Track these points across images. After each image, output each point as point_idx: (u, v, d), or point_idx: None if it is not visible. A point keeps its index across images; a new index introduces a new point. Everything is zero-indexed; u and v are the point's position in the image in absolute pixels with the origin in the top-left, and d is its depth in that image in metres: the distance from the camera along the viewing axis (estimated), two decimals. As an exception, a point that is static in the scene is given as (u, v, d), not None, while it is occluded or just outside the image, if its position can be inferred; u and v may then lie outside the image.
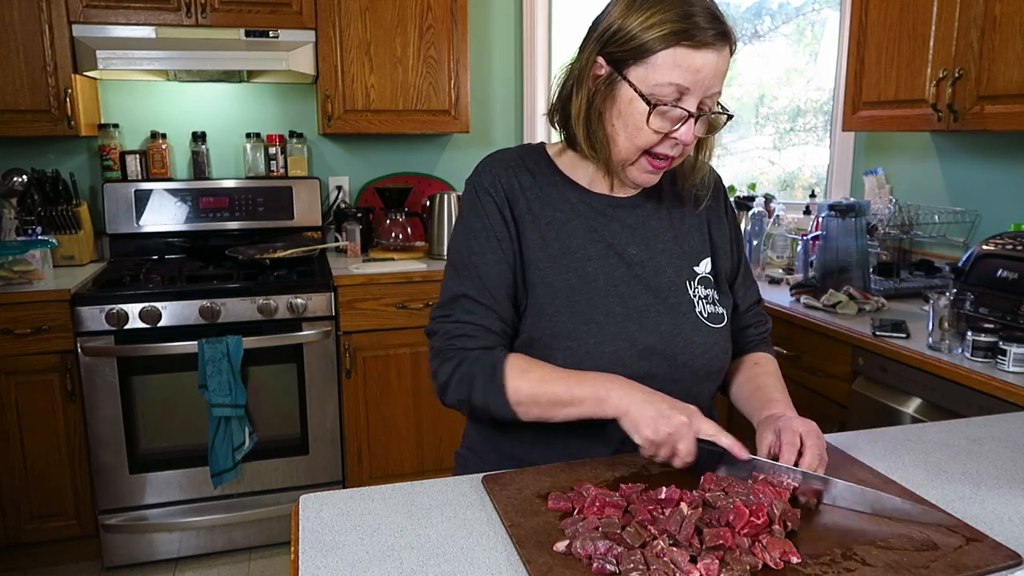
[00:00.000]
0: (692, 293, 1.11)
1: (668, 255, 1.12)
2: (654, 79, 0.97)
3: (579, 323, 1.05)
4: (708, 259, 1.15)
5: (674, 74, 0.96)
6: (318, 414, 2.54)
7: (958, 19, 1.98)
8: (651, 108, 0.97)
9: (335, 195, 3.08)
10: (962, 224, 2.42)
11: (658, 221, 1.13)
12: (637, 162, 1.04)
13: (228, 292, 2.39)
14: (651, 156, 1.03)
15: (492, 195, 1.09)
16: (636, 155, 1.03)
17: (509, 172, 1.11)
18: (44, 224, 2.59)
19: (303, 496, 0.93)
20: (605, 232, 1.10)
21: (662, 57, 0.96)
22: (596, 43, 1.02)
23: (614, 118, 1.02)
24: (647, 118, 0.98)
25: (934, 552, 0.78)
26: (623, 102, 1.00)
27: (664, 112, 0.98)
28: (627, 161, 1.04)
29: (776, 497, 0.84)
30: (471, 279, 1.07)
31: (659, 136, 1.00)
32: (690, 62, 0.95)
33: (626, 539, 0.76)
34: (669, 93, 0.97)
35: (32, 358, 2.30)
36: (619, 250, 1.10)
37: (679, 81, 0.96)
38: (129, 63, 2.47)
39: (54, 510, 2.40)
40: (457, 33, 2.79)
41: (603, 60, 1.01)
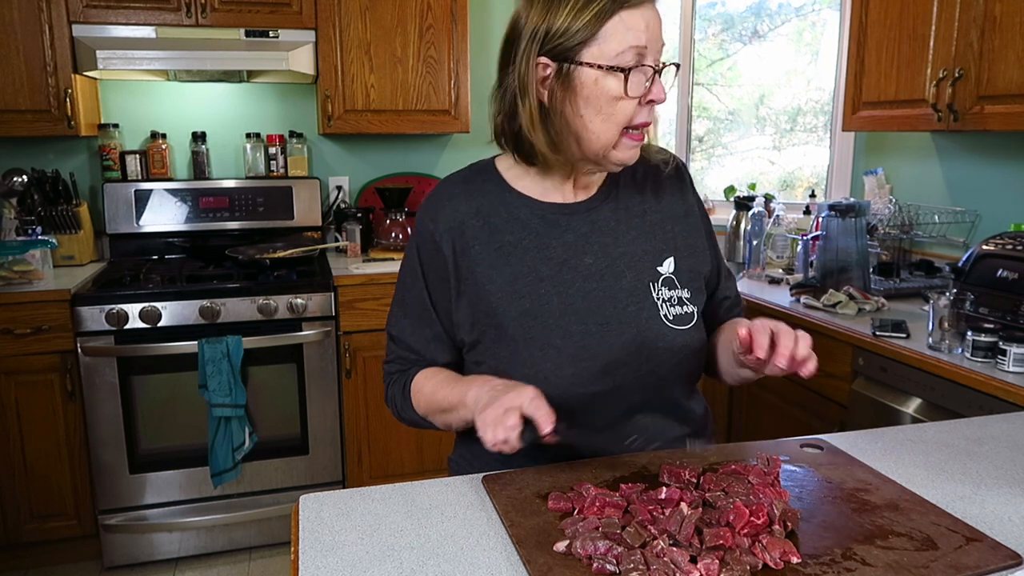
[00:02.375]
0: (656, 296, 1.08)
1: (628, 258, 1.09)
2: (612, 50, 0.96)
3: (535, 349, 1.04)
4: (671, 258, 1.11)
5: (628, 37, 0.96)
6: (318, 414, 2.54)
7: (958, 19, 1.98)
8: (626, 74, 0.97)
9: (335, 195, 3.08)
10: (962, 224, 2.42)
11: (616, 223, 1.10)
12: (619, 142, 1.01)
13: (228, 292, 2.39)
14: (630, 132, 1.01)
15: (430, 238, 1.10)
16: (617, 134, 1.00)
17: (453, 203, 1.10)
18: (44, 224, 2.59)
19: (303, 496, 0.93)
20: (558, 246, 1.08)
21: (610, 27, 0.96)
22: (528, 48, 1.00)
23: (581, 108, 0.99)
24: (624, 87, 0.97)
25: (934, 552, 0.78)
26: (588, 87, 0.98)
27: (631, 76, 0.97)
28: (609, 144, 1.01)
29: (776, 497, 0.84)
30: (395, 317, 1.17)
31: (634, 103, 0.99)
32: (637, 22, 0.96)
33: (626, 539, 0.76)
34: (631, 58, 0.97)
35: (32, 358, 2.30)
36: (574, 264, 1.07)
37: (635, 43, 0.96)
38: (129, 63, 2.47)
39: (54, 510, 2.40)
40: (457, 33, 2.79)
41: (547, 59, 0.99)
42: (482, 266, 1.07)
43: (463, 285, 1.08)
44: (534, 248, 1.08)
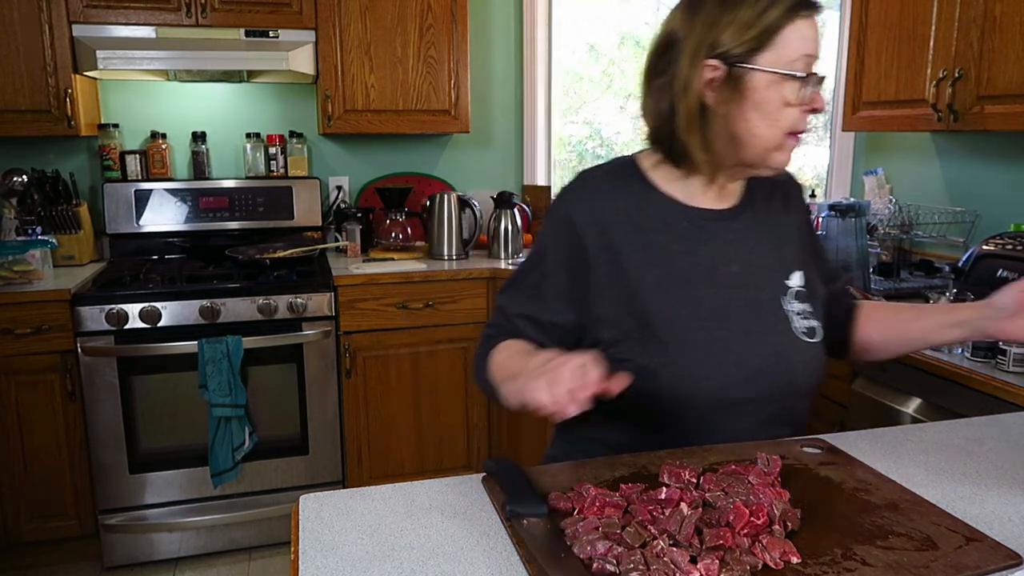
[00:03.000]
0: (787, 308, 1.10)
1: (765, 270, 1.11)
2: (788, 57, 0.99)
3: (685, 352, 1.04)
4: (800, 272, 1.13)
5: (803, 45, 0.99)
6: (318, 414, 2.54)
7: (958, 19, 1.98)
8: (801, 80, 0.99)
9: (335, 195, 3.08)
10: (962, 224, 2.42)
11: (755, 232, 1.12)
12: (782, 145, 1.03)
13: (228, 292, 2.39)
14: (793, 134, 1.03)
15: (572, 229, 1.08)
16: (782, 138, 1.02)
17: (599, 198, 1.09)
18: (44, 224, 2.59)
19: (303, 496, 0.93)
20: (705, 251, 1.09)
21: (787, 34, 0.98)
22: (696, 52, 1.01)
23: (748, 112, 1.01)
24: (798, 93, 1.00)
25: (934, 552, 0.78)
26: (759, 92, 1.00)
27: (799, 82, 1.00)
28: (772, 147, 1.03)
29: (776, 497, 0.84)
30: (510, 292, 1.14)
31: (799, 110, 1.01)
32: (808, 31, 1.00)
33: (626, 539, 0.76)
34: (803, 65, 0.99)
35: (32, 358, 2.30)
36: (722, 270, 1.08)
37: (809, 51, 0.99)
38: (129, 63, 2.46)
39: (54, 510, 2.40)
40: (457, 33, 2.79)
41: (716, 62, 1.00)
42: (631, 264, 1.07)
43: (607, 280, 1.07)
44: (682, 251, 1.08)
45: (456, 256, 2.85)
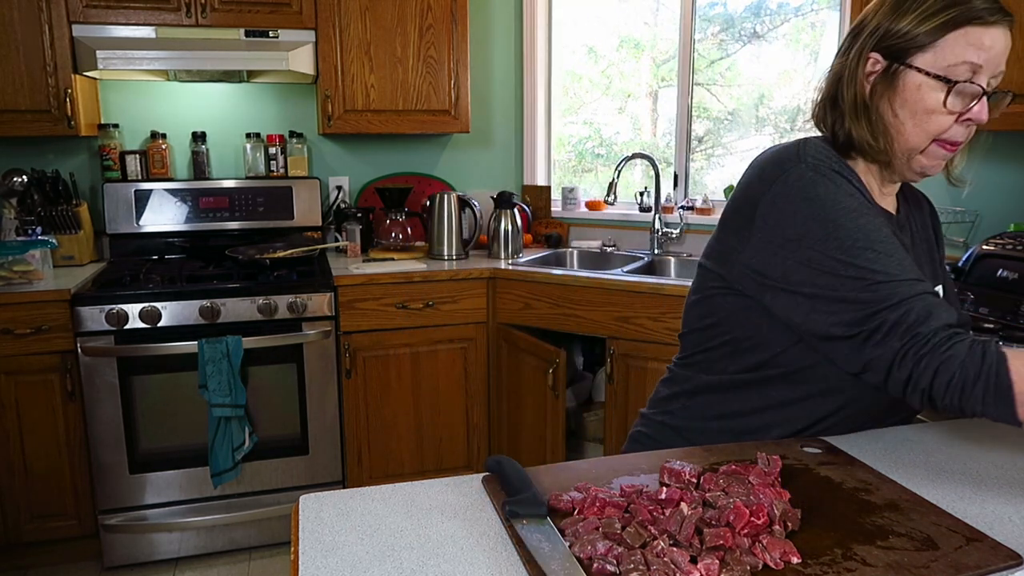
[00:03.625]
0: None
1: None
2: (946, 60, 0.97)
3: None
4: (940, 285, 1.16)
5: (967, 53, 0.97)
6: (318, 414, 2.54)
7: (958, 19, 1.98)
8: (951, 87, 0.98)
9: (335, 195, 3.08)
10: (962, 224, 2.42)
11: (912, 242, 1.14)
12: (928, 151, 1.02)
13: (228, 292, 2.39)
14: (942, 142, 1.02)
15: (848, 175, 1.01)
16: (926, 142, 1.02)
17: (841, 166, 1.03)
18: (44, 224, 2.59)
19: (303, 496, 0.93)
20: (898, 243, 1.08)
21: (952, 38, 0.97)
22: (866, 41, 1.03)
23: (897, 108, 1.02)
24: (944, 99, 0.98)
25: (934, 552, 0.78)
26: (909, 90, 1.00)
27: (960, 90, 0.98)
28: (915, 149, 1.02)
29: (776, 497, 0.84)
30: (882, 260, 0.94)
31: (951, 119, 1.00)
32: (981, 40, 0.96)
33: (626, 539, 0.76)
34: (963, 72, 0.97)
35: (32, 358, 2.30)
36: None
37: (972, 59, 0.97)
38: (129, 63, 2.47)
39: (54, 510, 2.40)
40: (457, 33, 2.79)
41: (878, 55, 1.02)
42: None
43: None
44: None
45: (456, 256, 2.86)
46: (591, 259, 3.05)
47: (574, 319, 2.55)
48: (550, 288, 2.58)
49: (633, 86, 3.41)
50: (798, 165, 1.00)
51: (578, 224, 3.23)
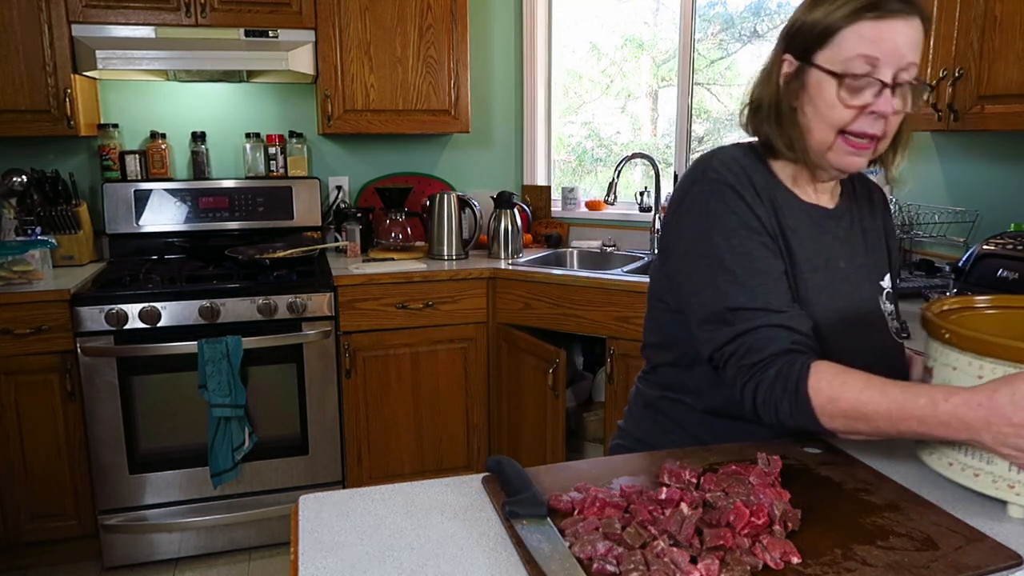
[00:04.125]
0: (883, 309, 1.12)
1: (865, 270, 1.13)
2: (842, 55, 0.99)
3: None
4: (888, 275, 1.17)
5: (861, 46, 0.97)
6: (318, 414, 2.54)
7: (958, 19, 1.98)
8: (840, 80, 0.99)
9: (335, 195, 3.08)
10: (962, 224, 2.42)
11: (856, 234, 1.14)
12: (835, 145, 1.03)
13: (228, 292, 2.39)
14: (848, 136, 1.01)
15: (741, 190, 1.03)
16: (832, 136, 1.02)
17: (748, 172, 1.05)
18: (44, 224, 2.59)
19: (303, 496, 0.93)
20: (823, 243, 1.09)
21: (847, 33, 0.98)
22: (782, 43, 1.06)
23: (805, 105, 1.03)
24: (837, 92, 0.99)
25: (934, 552, 0.78)
26: (813, 87, 1.02)
27: (855, 85, 0.99)
28: (824, 145, 1.03)
29: (776, 497, 0.84)
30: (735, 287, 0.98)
31: (854, 111, 1.00)
32: (876, 33, 0.97)
33: (626, 539, 0.76)
34: (859, 66, 0.98)
35: (32, 358, 2.30)
36: (834, 264, 1.09)
37: (867, 52, 0.97)
38: (129, 63, 2.46)
39: (54, 510, 2.40)
40: (457, 33, 2.79)
41: (791, 57, 1.04)
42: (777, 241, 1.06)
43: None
44: (808, 239, 1.08)
45: (456, 256, 2.85)
46: (591, 259, 3.05)
47: (574, 319, 2.55)
48: (550, 288, 2.58)
49: (633, 86, 3.41)
50: (701, 180, 1.05)
51: (578, 224, 3.23)
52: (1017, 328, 1.02)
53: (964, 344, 0.88)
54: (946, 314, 1.01)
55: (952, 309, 1.03)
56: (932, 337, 0.94)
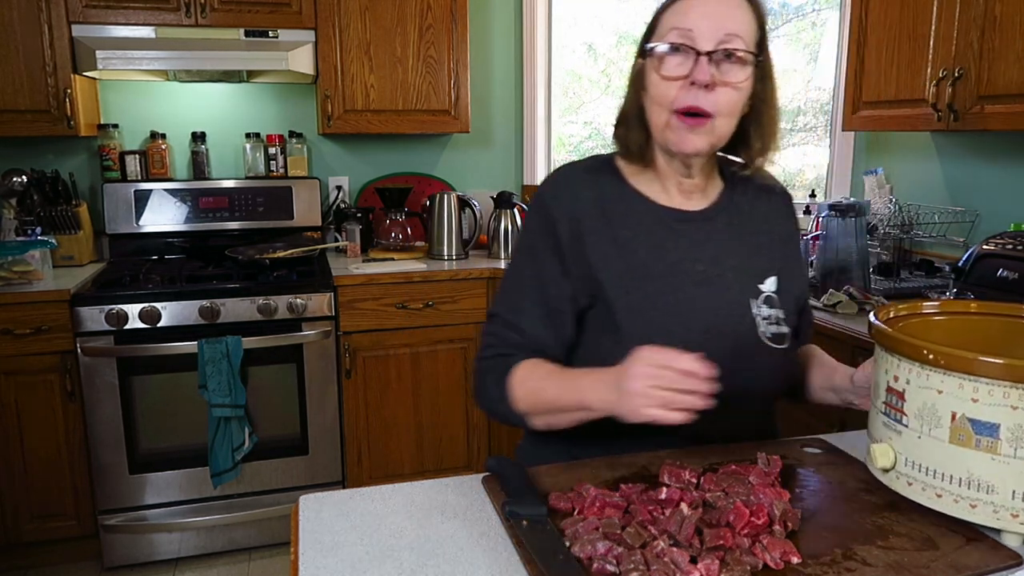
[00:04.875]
0: (756, 312, 1.09)
1: (735, 272, 1.10)
2: (660, 35, 1.03)
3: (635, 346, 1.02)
4: (774, 277, 1.13)
5: (674, 19, 1.02)
6: (318, 414, 2.54)
7: (958, 19, 1.98)
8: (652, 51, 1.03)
9: (335, 195, 3.08)
10: (962, 224, 2.42)
11: (728, 237, 1.12)
12: (669, 124, 1.03)
13: (228, 292, 2.39)
14: (679, 113, 1.02)
15: (548, 215, 1.09)
16: (665, 116, 1.03)
17: (575, 189, 1.10)
18: (44, 224, 2.59)
19: (303, 496, 0.93)
20: (673, 248, 1.09)
21: (666, 15, 1.04)
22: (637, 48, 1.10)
23: (646, 98, 1.06)
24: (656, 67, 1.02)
25: (934, 552, 0.78)
26: (647, 76, 1.05)
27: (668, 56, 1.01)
28: (661, 126, 1.04)
29: (776, 497, 0.84)
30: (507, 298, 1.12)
31: (675, 84, 1.01)
32: (687, 6, 1.01)
33: (626, 539, 0.76)
34: (672, 37, 1.01)
35: (32, 358, 2.30)
36: (685, 267, 1.08)
37: (679, 24, 1.01)
38: (129, 63, 2.46)
39: (54, 510, 2.39)
40: (457, 33, 2.79)
41: (640, 59, 1.08)
42: (596, 256, 1.07)
43: (575, 270, 1.08)
44: (648, 246, 1.08)
45: (456, 256, 2.85)
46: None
47: (574, 319, 2.54)
48: (550, 288, 2.57)
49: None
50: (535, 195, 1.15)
51: (578, 224, 3.22)
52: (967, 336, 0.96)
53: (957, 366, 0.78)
54: (894, 321, 0.95)
55: (900, 316, 0.97)
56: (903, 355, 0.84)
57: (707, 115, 1.01)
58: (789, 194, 1.23)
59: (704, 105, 1.00)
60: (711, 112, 1.01)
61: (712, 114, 1.01)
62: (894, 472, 0.86)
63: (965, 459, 0.79)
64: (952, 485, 0.81)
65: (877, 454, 0.87)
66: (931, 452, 0.82)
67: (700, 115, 1.01)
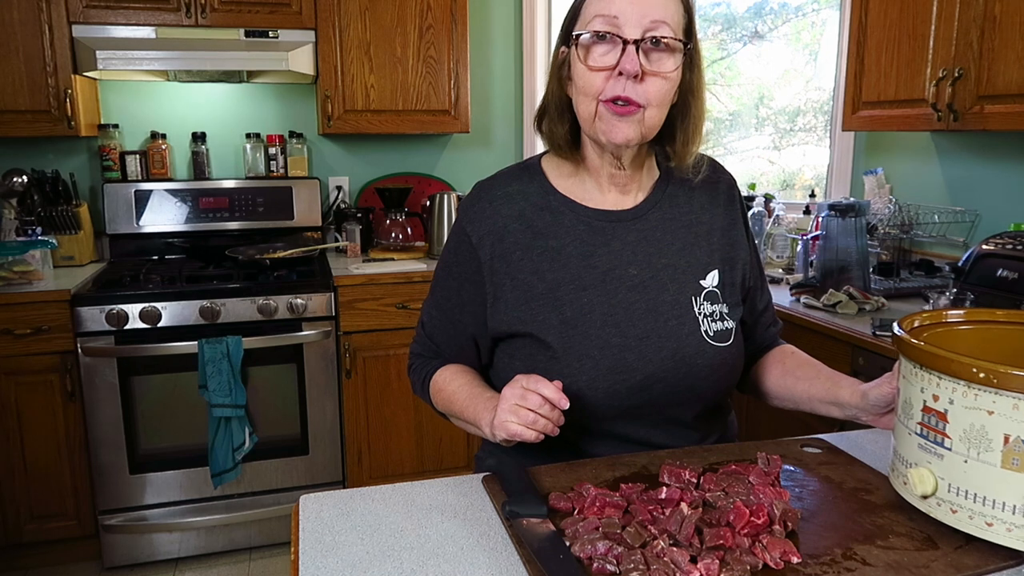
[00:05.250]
0: (697, 311, 1.06)
1: (672, 271, 1.06)
2: (586, 22, 0.99)
3: (572, 360, 1.01)
4: (715, 271, 1.09)
5: (599, 6, 0.98)
6: (318, 414, 2.54)
7: (958, 19, 1.98)
8: (576, 40, 1.00)
9: (335, 195, 3.08)
10: (962, 224, 2.42)
11: (663, 233, 1.08)
12: (599, 114, 0.99)
13: (228, 292, 2.39)
14: (608, 102, 0.98)
15: (467, 240, 1.08)
16: (594, 105, 0.99)
17: (495, 206, 1.07)
18: (44, 224, 2.59)
19: (303, 496, 0.93)
20: (603, 254, 1.05)
21: (589, 2, 1.00)
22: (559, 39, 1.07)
23: (573, 88, 1.03)
24: (582, 57, 0.99)
25: (934, 552, 0.78)
26: (572, 65, 1.02)
27: (594, 45, 0.98)
28: (590, 117, 1.00)
29: (776, 497, 0.84)
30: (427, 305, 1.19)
31: (602, 75, 0.97)
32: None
33: (626, 539, 0.76)
34: (597, 24, 0.98)
35: (32, 358, 2.30)
36: (618, 273, 1.05)
37: (603, 11, 0.97)
38: (129, 63, 2.47)
39: (54, 510, 2.40)
40: (457, 33, 2.79)
41: (563, 47, 1.05)
42: (524, 272, 1.05)
43: (500, 291, 1.06)
44: (578, 255, 1.05)
45: (456, 256, 2.85)
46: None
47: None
48: (550, 288, 2.57)
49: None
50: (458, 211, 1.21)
51: (578, 224, 3.23)
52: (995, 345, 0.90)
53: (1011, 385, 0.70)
54: (918, 331, 0.90)
55: (924, 326, 0.91)
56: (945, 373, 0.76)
57: (634, 104, 0.97)
58: (732, 179, 1.18)
59: (633, 96, 0.97)
60: (642, 103, 0.97)
61: (643, 105, 0.98)
62: (935, 499, 0.80)
63: (1020, 485, 0.73)
64: (1005, 513, 0.75)
65: (915, 480, 0.80)
66: (980, 478, 0.75)
67: (629, 103, 0.98)
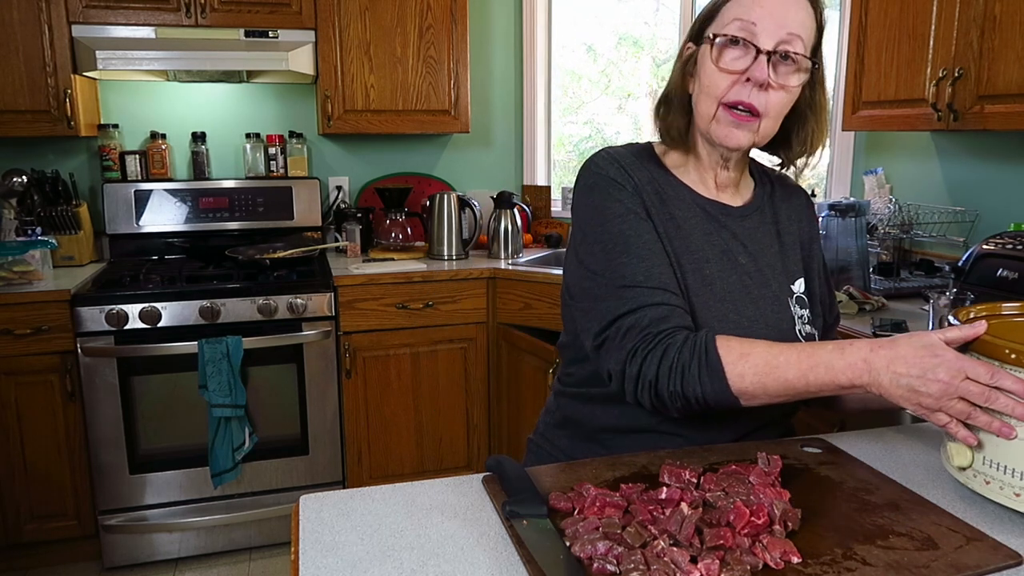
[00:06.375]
0: (792, 310, 1.10)
1: (772, 270, 1.11)
2: (722, 24, 1.01)
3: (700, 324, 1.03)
4: (802, 279, 1.14)
5: (738, 11, 1.00)
6: (318, 414, 2.54)
7: (958, 19, 1.98)
8: (712, 40, 1.00)
9: (335, 195, 3.08)
10: (962, 224, 2.42)
11: (764, 235, 1.13)
12: (717, 115, 1.02)
13: (228, 292, 2.39)
14: (730, 108, 1.01)
15: (623, 183, 1.05)
16: (714, 107, 1.02)
17: (628, 166, 1.08)
18: (44, 224, 2.59)
19: (303, 496, 0.93)
20: (719, 237, 1.09)
21: (730, 4, 1.02)
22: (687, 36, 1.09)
23: (696, 85, 1.05)
24: (712, 54, 1.00)
25: (934, 552, 0.78)
26: (700, 62, 1.04)
27: (729, 49, 1.00)
28: (708, 117, 1.03)
29: (776, 497, 0.84)
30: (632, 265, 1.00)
31: (730, 78, 1.00)
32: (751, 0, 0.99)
33: (626, 539, 0.76)
34: (734, 29, 0.99)
35: (32, 358, 2.30)
36: (732, 257, 1.08)
37: (742, 16, 0.99)
38: (129, 63, 2.47)
39: (54, 510, 2.40)
40: (457, 33, 2.79)
41: (691, 43, 1.07)
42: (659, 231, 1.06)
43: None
44: (700, 231, 1.08)
45: (456, 256, 2.85)
46: (591, 259, 3.04)
47: (574, 319, 2.54)
48: (550, 288, 2.58)
49: (633, 85, 3.41)
50: (584, 177, 1.08)
51: (578, 224, 3.23)
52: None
53: None
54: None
55: (977, 317, 0.94)
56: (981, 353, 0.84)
57: (756, 114, 1.01)
58: (809, 196, 1.23)
59: (755, 103, 1.00)
60: (761, 112, 1.01)
61: (761, 114, 1.01)
62: (971, 470, 0.88)
63: None
64: (1002, 474, 0.84)
65: (953, 452, 0.88)
66: (1014, 452, 0.83)
67: (748, 112, 1.01)
